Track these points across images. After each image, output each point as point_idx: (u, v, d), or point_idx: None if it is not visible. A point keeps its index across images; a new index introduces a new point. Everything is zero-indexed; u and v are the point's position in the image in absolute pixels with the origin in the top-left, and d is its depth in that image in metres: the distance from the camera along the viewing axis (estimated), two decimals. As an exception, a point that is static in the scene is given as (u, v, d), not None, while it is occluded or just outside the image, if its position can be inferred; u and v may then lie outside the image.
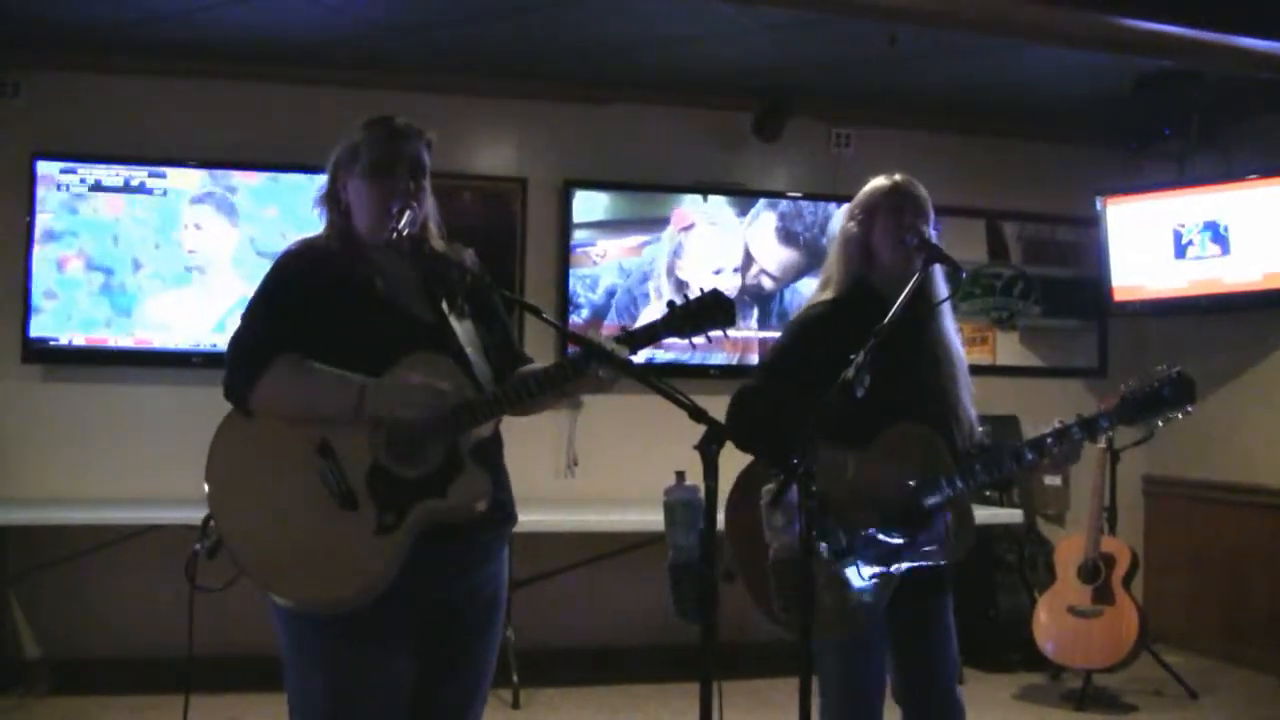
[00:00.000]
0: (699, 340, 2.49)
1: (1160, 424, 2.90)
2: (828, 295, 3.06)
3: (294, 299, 2.49)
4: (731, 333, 2.50)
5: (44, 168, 5.49)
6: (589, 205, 6.15)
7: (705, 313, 2.46)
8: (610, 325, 6.04)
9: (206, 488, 2.46)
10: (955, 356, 3.04)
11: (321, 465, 2.41)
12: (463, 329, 2.61)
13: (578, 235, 6.12)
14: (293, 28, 5.31)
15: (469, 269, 2.63)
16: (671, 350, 5.98)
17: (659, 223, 6.20)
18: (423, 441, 2.42)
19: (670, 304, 2.47)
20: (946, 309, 3.04)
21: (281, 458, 2.44)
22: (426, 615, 2.50)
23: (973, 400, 3.06)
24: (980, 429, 3.09)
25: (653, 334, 2.49)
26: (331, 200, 2.60)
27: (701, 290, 2.48)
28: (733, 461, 2.54)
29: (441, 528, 2.44)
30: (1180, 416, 2.87)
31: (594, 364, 2.42)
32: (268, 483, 2.44)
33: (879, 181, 3.07)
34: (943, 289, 2.99)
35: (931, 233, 2.98)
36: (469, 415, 2.44)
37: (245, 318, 2.53)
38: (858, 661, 2.96)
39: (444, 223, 2.69)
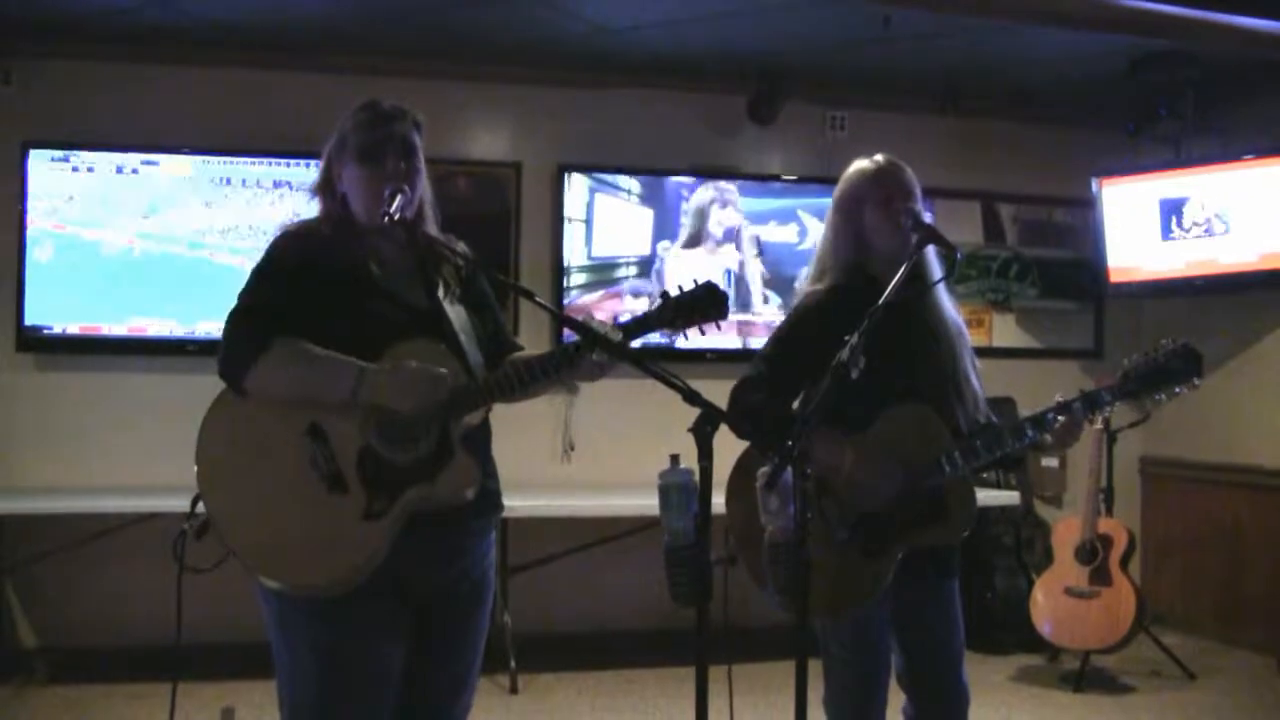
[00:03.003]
0: (691, 332, 2.48)
1: (1164, 398, 2.86)
2: (825, 283, 3.05)
3: (290, 280, 2.49)
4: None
5: (36, 155, 5.47)
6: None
7: (698, 305, 2.45)
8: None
9: (196, 467, 2.45)
10: (956, 336, 3.03)
11: (311, 448, 2.41)
12: (456, 315, 2.60)
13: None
14: (286, 13, 5.29)
15: (463, 254, 2.62)
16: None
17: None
18: (415, 427, 2.42)
19: (664, 294, 2.46)
20: (943, 288, 3.02)
21: (271, 439, 2.43)
22: (414, 600, 2.50)
23: (980, 379, 3.06)
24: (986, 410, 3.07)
25: (645, 325, 2.48)
26: (326, 188, 2.60)
27: (695, 282, 2.47)
28: (728, 445, 2.54)
29: (430, 513, 2.44)
30: (1185, 390, 2.84)
31: (588, 350, 2.41)
32: (257, 464, 2.44)
33: (862, 165, 3.05)
34: (937, 270, 2.98)
35: (924, 211, 2.96)
36: (462, 402, 2.43)
37: (241, 298, 2.51)
38: (862, 645, 2.96)
39: (439, 208, 2.68)
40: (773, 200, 6.30)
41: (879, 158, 3.04)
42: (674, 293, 2.47)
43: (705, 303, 2.45)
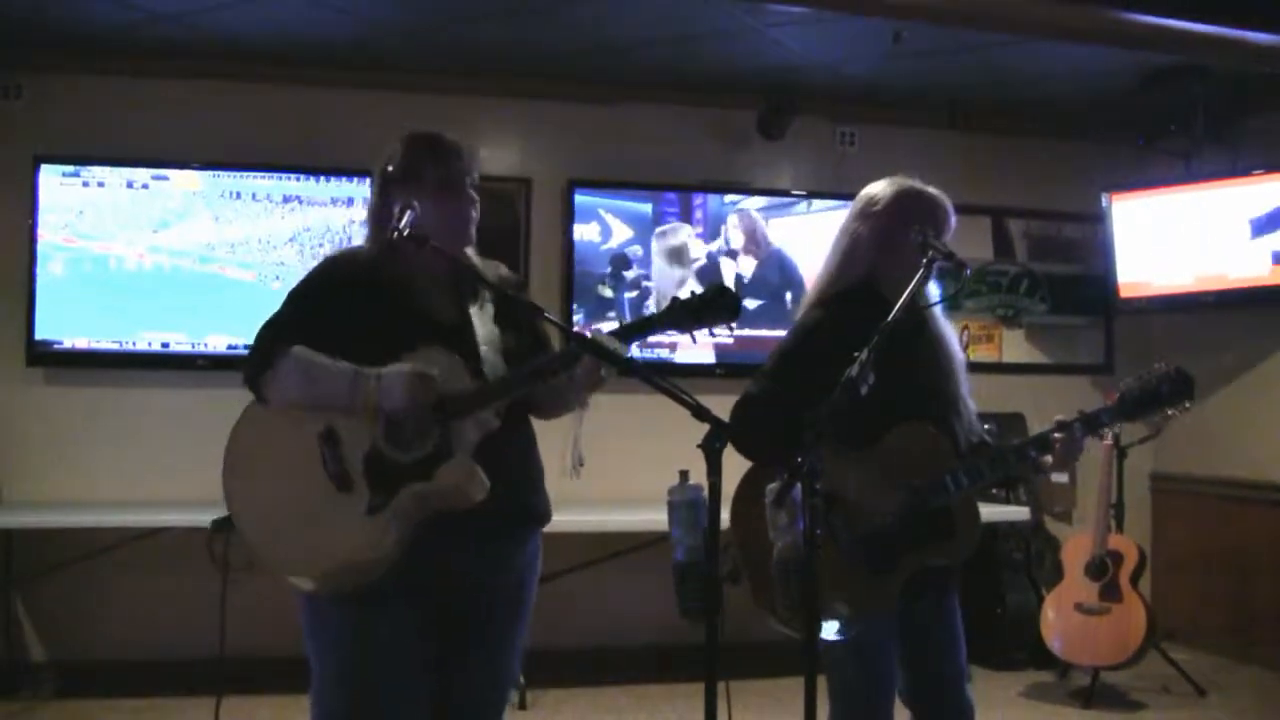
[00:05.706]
0: (701, 334, 2.52)
1: (1162, 419, 2.89)
2: (831, 299, 3.05)
3: (321, 298, 2.61)
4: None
5: (47, 170, 5.48)
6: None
7: (708, 307, 2.49)
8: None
9: (222, 475, 2.58)
10: (953, 353, 3.05)
11: (323, 450, 2.49)
12: (484, 330, 2.67)
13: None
14: (297, 28, 5.30)
15: (503, 276, 2.76)
16: (688, 352, 6.02)
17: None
18: (417, 428, 2.48)
19: (674, 299, 2.51)
20: (940, 310, 3.04)
21: (290, 445, 2.53)
22: (445, 606, 2.59)
23: (971, 396, 3.06)
24: (987, 426, 3.08)
25: (650, 325, 2.56)
26: (382, 217, 2.65)
27: (706, 285, 2.51)
28: (736, 461, 2.54)
29: (453, 518, 2.48)
30: (1178, 413, 2.87)
31: (586, 356, 2.47)
32: (275, 467, 2.55)
33: (880, 183, 3.07)
34: (937, 289, 2.98)
35: (932, 232, 2.96)
36: (461, 404, 2.49)
37: (272, 315, 2.62)
38: (867, 662, 2.94)
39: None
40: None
41: (900, 178, 3.06)
42: (684, 296, 2.51)
43: (715, 305, 2.49)
